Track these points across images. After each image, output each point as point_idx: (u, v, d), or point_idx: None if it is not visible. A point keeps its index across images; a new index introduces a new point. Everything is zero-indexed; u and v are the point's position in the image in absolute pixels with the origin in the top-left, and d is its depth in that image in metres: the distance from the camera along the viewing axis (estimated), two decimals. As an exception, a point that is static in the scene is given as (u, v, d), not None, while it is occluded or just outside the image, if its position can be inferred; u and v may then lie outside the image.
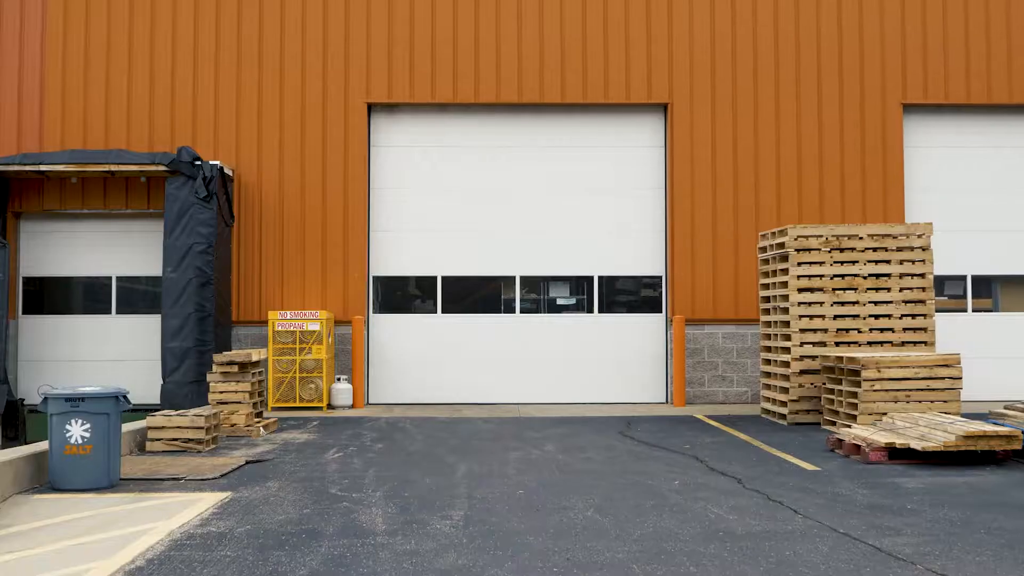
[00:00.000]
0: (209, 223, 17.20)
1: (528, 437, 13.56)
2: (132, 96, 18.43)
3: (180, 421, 12.24)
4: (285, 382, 17.39)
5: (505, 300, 18.86)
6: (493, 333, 18.70)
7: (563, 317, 18.80)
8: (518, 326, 18.75)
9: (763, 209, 18.37)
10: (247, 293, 18.33)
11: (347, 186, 18.33)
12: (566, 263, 18.79)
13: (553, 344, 18.68)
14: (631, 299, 18.91)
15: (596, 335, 18.68)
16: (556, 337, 18.69)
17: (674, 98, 18.51)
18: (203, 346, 17.02)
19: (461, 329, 18.70)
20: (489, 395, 18.59)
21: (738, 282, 18.30)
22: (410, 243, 18.77)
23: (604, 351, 18.66)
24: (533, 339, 18.68)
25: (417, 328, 18.72)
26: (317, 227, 18.33)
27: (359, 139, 18.39)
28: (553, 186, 18.80)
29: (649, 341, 18.70)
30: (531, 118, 18.83)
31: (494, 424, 15.19)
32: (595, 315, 18.76)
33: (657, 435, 13.69)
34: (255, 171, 18.42)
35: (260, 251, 18.35)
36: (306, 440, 13.35)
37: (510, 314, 18.82)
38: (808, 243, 14.93)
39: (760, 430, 14.17)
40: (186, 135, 18.38)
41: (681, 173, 18.37)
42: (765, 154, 18.43)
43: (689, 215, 18.34)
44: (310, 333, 17.39)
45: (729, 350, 18.32)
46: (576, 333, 18.70)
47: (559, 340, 18.68)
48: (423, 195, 18.78)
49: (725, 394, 18.30)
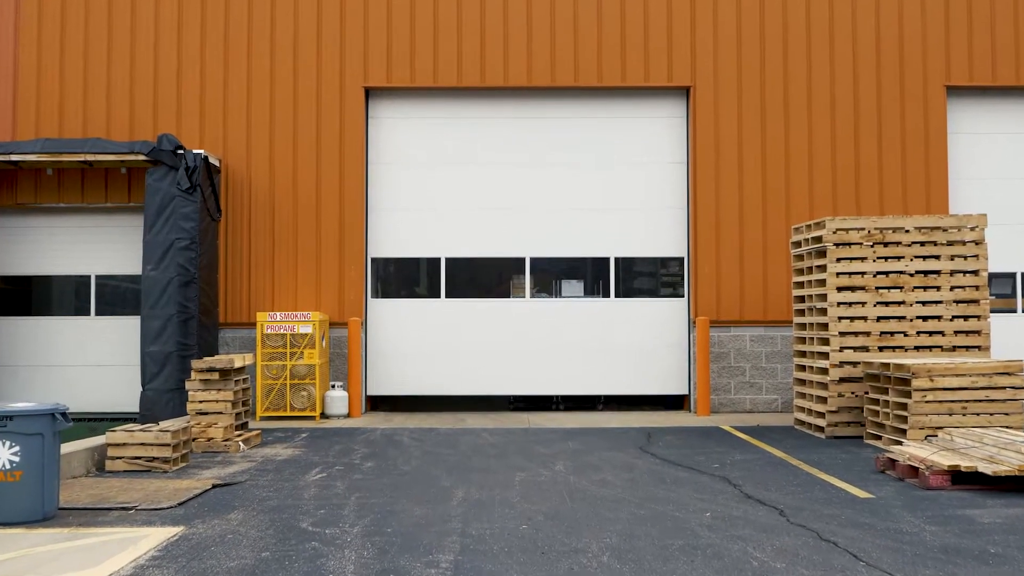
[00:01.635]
0: (192, 217, 15.86)
1: (536, 453, 12.14)
2: (112, 81, 17.10)
3: (144, 437, 10.87)
4: (275, 390, 16.02)
5: (514, 284, 17.43)
6: (500, 319, 17.28)
7: (577, 302, 17.36)
8: (528, 311, 17.31)
9: (794, 201, 16.89)
10: (235, 293, 16.97)
11: (343, 177, 16.95)
12: (580, 244, 17.34)
13: (566, 331, 17.22)
14: (650, 283, 17.46)
15: (613, 321, 17.22)
16: (569, 323, 17.24)
17: (697, 81, 17.04)
18: (185, 350, 15.68)
19: (466, 315, 17.27)
20: (496, 385, 17.21)
21: (767, 280, 16.82)
22: (411, 223, 17.37)
23: (621, 338, 17.20)
24: (544, 325, 17.24)
25: (419, 314, 17.30)
26: (311, 222, 16.96)
27: (356, 126, 17.00)
28: (565, 173, 17.36)
29: (670, 328, 17.23)
30: (542, 103, 17.38)
31: (499, 437, 13.77)
32: (611, 300, 17.30)
33: (681, 451, 12.24)
34: (244, 161, 17.06)
35: (249, 247, 16.99)
36: (289, 457, 11.96)
37: (519, 299, 17.39)
38: (848, 237, 13.44)
39: (796, 445, 12.69)
40: (169, 123, 17.04)
41: (704, 162, 16.90)
42: (796, 142, 16.93)
43: (713, 209, 16.87)
44: (302, 336, 16.01)
45: (757, 354, 16.84)
46: (591, 319, 17.23)
47: (572, 326, 17.23)
48: (425, 179, 17.36)
49: (753, 402, 16.82)
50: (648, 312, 17.27)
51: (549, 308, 17.33)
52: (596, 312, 17.28)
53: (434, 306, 17.33)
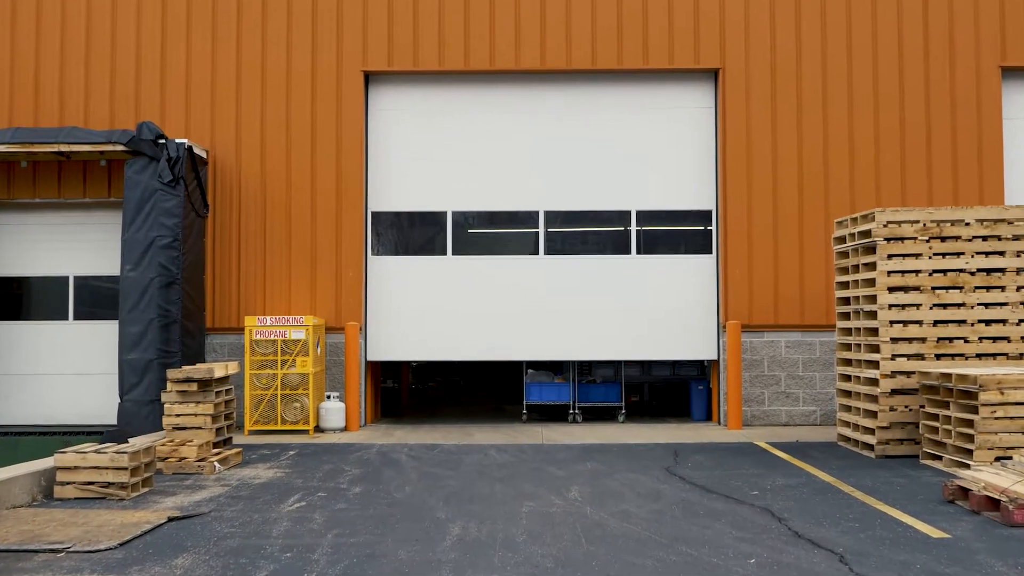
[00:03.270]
0: (175, 212, 14.52)
1: (549, 477, 10.69)
2: (91, 67, 15.80)
3: (97, 460, 9.50)
4: (265, 401, 14.65)
5: (527, 239, 16.01)
6: (511, 278, 15.84)
7: (595, 259, 15.87)
8: (541, 270, 15.86)
9: (833, 194, 15.37)
10: (223, 296, 15.62)
11: (340, 169, 15.57)
12: (598, 197, 15.86)
13: (583, 291, 15.77)
14: (675, 239, 16.00)
15: (634, 280, 15.77)
16: (587, 282, 15.78)
17: (726, 63, 15.56)
18: (167, 358, 14.33)
19: (474, 273, 15.84)
20: (505, 350, 15.78)
21: (804, 280, 15.31)
22: (415, 173, 15.95)
23: (644, 298, 15.75)
24: (559, 285, 15.78)
25: (423, 272, 15.89)
26: (305, 218, 15.59)
27: (355, 114, 15.62)
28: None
29: (697, 287, 15.75)
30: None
31: (509, 455, 12.33)
32: (632, 257, 15.82)
33: (713, 473, 10.77)
34: (233, 152, 15.71)
35: (238, 246, 15.64)
36: (269, 480, 10.57)
37: (532, 256, 15.93)
38: (900, 231, 11.92)
39: (843, 466, 11.19)
40: (152, 111, 15.72)
41: (735, 152, 15.42)
42: (835, 129, 15.41)
43: (745, 203, 15.37)
44: (294, 343, 14.64)
45: (794, 362, 15.32)
46: (610, 278, 15.77)
47: (590, 286, 15.77)
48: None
49: (789, 414, 15.31)
50: (673, 270, 15.78)
51: (564, 266, 15.86)
52: (616, 270, 15.81)
53: (439, 264, 15.90)
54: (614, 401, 16.33)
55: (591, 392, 16.37)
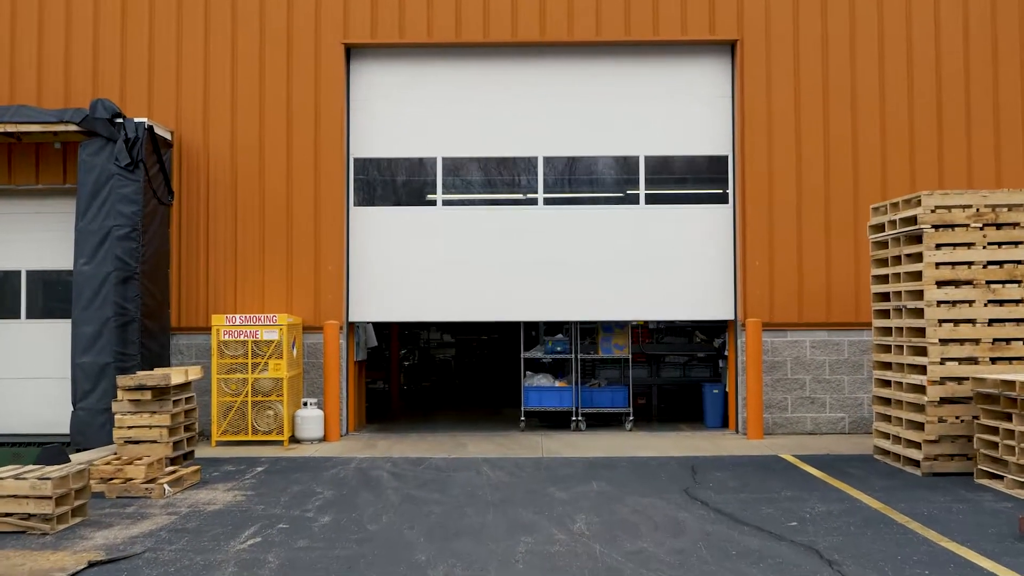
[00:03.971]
0: (133, 199, 13.06)
1: (550, 500, 9.24)
2: (44, 39, 14.32)
3: (15, 488, 8.04)
4: (234, 408, 13.19)
5: (524, 188, 14.57)
6: (507, 230, 14.38)
7: (599, 210, 14.43)
8: (540, 222, 14.40)
9: (864, 179, 13.90)
10: (190, 292, 14.16)
11: (319, 151, 14.10)
12: (602, 142, 14.41)
13: (586, 244, 14.31)
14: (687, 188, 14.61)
15: (642, 232, 14.31)
16: (591, 235, 14.33)
17: (744, 33, 14.08)
18: (125, 361, 12.88)
19: (467, 226, 14.39)
20: (501, 309, 14.35)
21: (830, 273, 13.85)
22: (400, 114, 14.48)
23: (653, 252, 14.28)
24: (560, 238, 14.33)
25: (410, 225, 14.42)
26: (280, 207, 14.13)
27: (335, 90, 14.14)
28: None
29: (712, 240, 14.31)
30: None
31: (504, 472, 10.88)
32: (640, 207, 14.37)
33: (740, 497, 9.32)
34: (200, 134, 14.25)
35: (207, 236, 14.18)
36: (225, 506, 9.12)
37: (530, 206, 14.48)
38: (951, 216, 10.45)
39: (889, 487, 9.74)
40: (112, 88, 14.24)
41: (754, 132, 13.95)
42: (864, 105, 13.93)
43: (766, 188, 13.91)
44: (266, 343, 13.18)
45: (820, 364, 13.87)
46: (617, 229, 14.32)
47: (594, 238, 14.32)
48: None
49: (815, 422, 13.86)
50: (685, 222, 14.32)
51: (566, 217, 14.40)
52: (623, 221, 14.35)
53: (428, 216, 14.45)
54: (620, 406, 14.88)
55: (595, 397, 14.92)
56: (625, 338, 14.87)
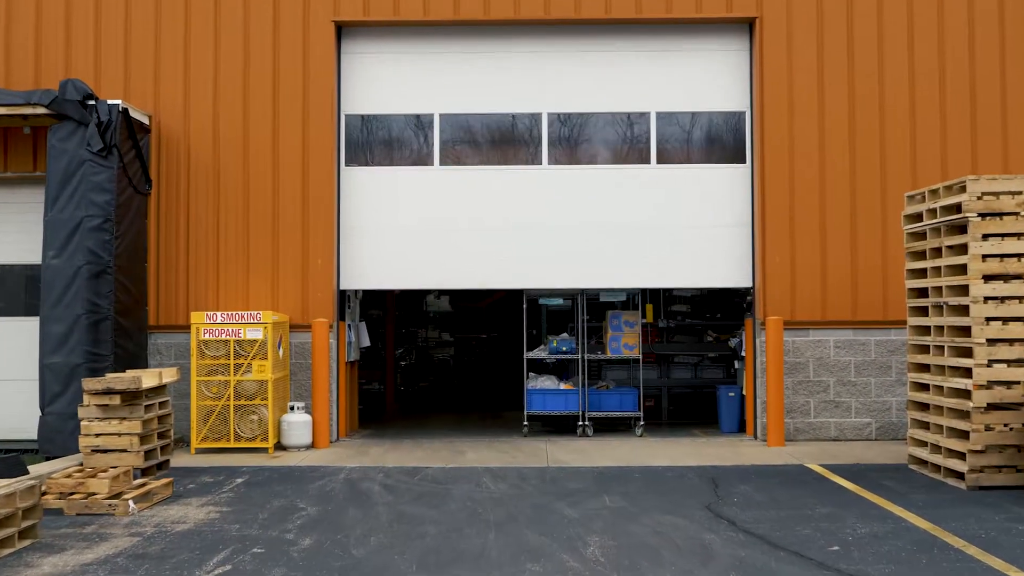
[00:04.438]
0: (106, 187, 12.10)
1: (558, 519, 8.29)
2: (12, 17, 13.36)
3: (-47, 508, 7.11)
4: (215, 413, 12.24)
5: (527, 148, 13.60)
6: (509, 193, 13.42)
7: (607, 170, 13.47)
8: (544, 183, 13.43)
9: (891, 166, 12.95)
10: (169, 288, 13.21)
11: (308, 137, 13.15)
12: (610, 97, 13.46)
13: (593, 207, 13.35)
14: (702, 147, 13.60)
15: (653, 194, 13.34)
16: (598, 197, 13.36)
17: (764, 10, 13.12)
18: (97, 362, 11.93)
19: (467, 187, 13.43)
20: (501, 277, 13.45)
21: (856, 268, 12.90)
22: (396, 75, 13.54)
23: (666, 216, 13.32)
24: (565, 201, 13.37)
25: (406, 186, 13.48)
26: (266, 196, 13.18)
27: (324, 73, 13.19)
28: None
29: (728, 203, 13.34)
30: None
31: (507, 484, 9.93)
32: (651, 167, 13.41)
33: (770, 514, 8.37)
34: (180, 118, 13.29)
35: (187, 228, 13.22)
36: (197, 524, 8.17)
37: (534, 167, 13.51)
38: (999, 204, 9.50)
39: (933, 502, 8.80)
40: (86, 69, 13.28)
41: (774, 116, 13.00)
42: (893, 89, 12.99)
43: (787, 178, 12.96)
44: (250, 343, 12.23)
45: (844, 365, 12.92)
46: (625, 191, 13.35)
47: (602, 201, 13.35)
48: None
49: (839, 427, 12.91)
50: (700, 182, 13.36)
51: (572, 179, 13.43)
52: (632, 183, 13.38)
53: (425, 177, 13.49)
54: (630, 410, 13.91)
55: (603, 400, 13.96)
56: (635, 337, 13.92)
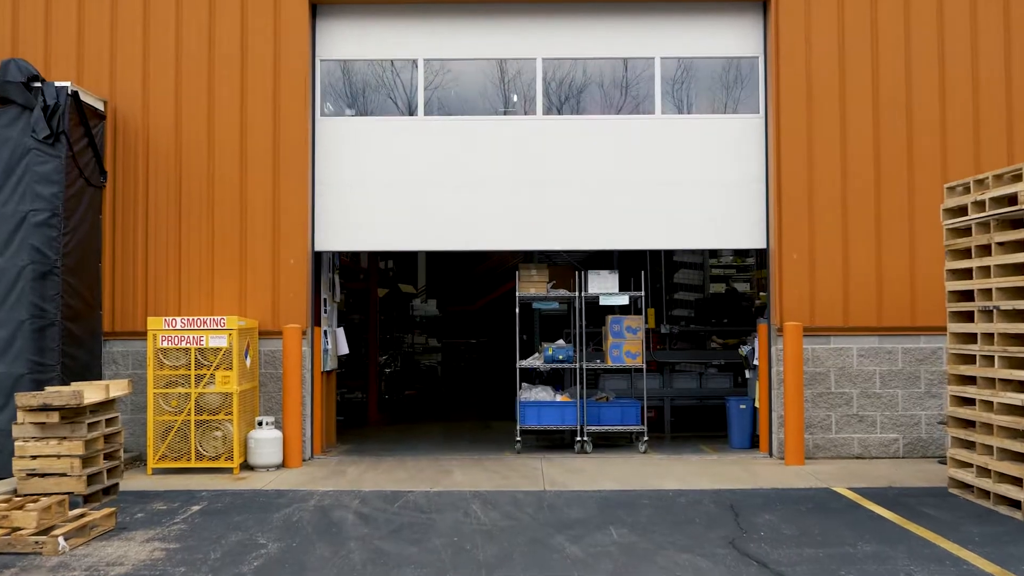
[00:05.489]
0: (53, 179, 10.88)
1: (559, 557, 7.10)
2: (-46, -8, 12.15)
3: None
4: (175, 429, 11.02)
5: (520, 96, 12.49)
6: (501, 146, 12.24)
7: (608, 121, 12.34)
8: (539, 135, 12.27)
9: (919, 158, 11.83)
10: (126, 290, 11.98)
11: (279, 129, 11.95)
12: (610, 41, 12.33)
13: (593, 160, 12.21)
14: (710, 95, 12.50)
15: (658, 147, 12.20)
16: (598, 150, 12.22)
17: (779, -13, 12.02)
18: (42, 373, 10.69)
19: (454, 139, 12.26)
20: (493, 237, 12.30)
21: (881, 268, 11.77)
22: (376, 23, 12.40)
23: (671, 171, 12.17)
24: (562, 154, 12.22)
25: (387, 138, 12.28)
26: (232, 189, 11.97)
27: (297, 56, 12.00)
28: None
29: (740, 156, 12.20)
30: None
31: (499, 512, 8.74)
32: (656, 117, 12.27)
33: (804, 553, 7.20)
34: (139, 105, 12.08)
35: (146, 224, 12.00)
36: (135, 568, 6.95)
37: (528, 117, 12.36)
38: (1058, 194, 8.38)
39: (992, 536, 7.65)
40: (36, 51, 12.06)
41: (791, 101, 11.87)
42: (921, 72, 11.87)
43: (805, 167, 11.83)
44: (213, 352, 11.01)
45: (869, 375, 11.78)
46: (628, 144, 12.21)
47: (602, 154, 12.21)
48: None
49: (863, 444, 11.76)
50: (710, 134, 12.22)
51: (569, 130, 12.28)
52: (635, 134, 12.24)
53: (408, 127, 12.33)
54: (632, 424, 12.72)
55: (603, 413, 12.77)
56: (638, 344, 12.74)
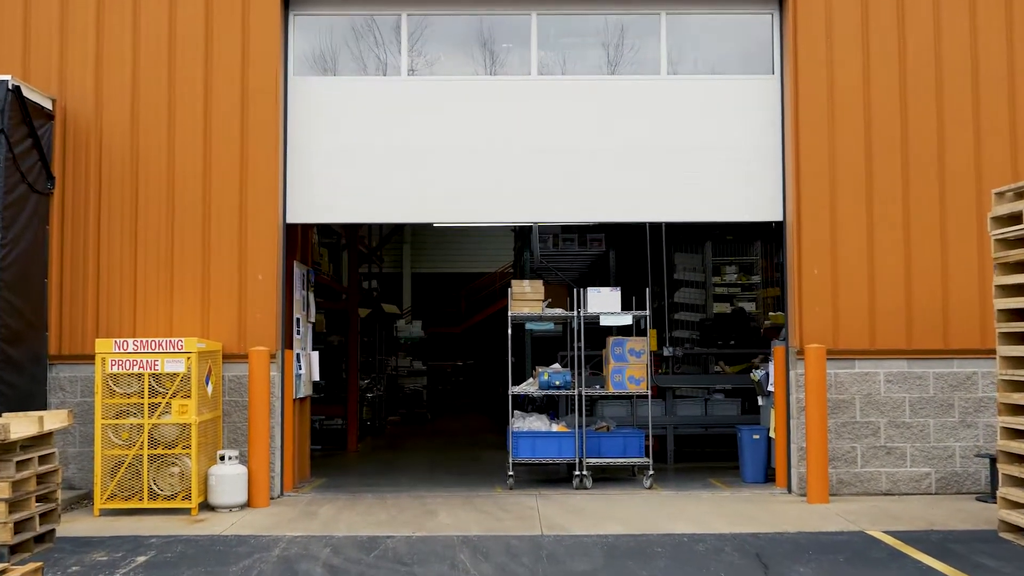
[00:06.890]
0: (-9, 184, 9.74)
1: (565, 628, 5.96)
2: None
3: None
4: (126, 464, 9.81)
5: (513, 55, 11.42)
6: (491, 108, 11.14)
7: (607, 81, 11.26)
8: (533, 97, 11.18)
9: (951, 161, 10.81)
10: (76, 309, 10.78)
11: (246, 131, 10.82)
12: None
13: (592, 125, 11.13)
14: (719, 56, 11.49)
15: (663, 111, 11.12)
16: (597, 114, 11.14)
17: (796, -22, 10.99)
18: (-25, 402, 9.51)
19: (441, 100, 11.14)
20: (483, 209, 11.24)
21: (911, 285, 10.71)
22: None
23: (676, 137, 11.08)
24: (558, 118, 11.13)
25: (368, 99, 11.16)
26: (194, 197, 10.83)
27: (267, 54, 10.89)
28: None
29: (753, 122, 11.11)
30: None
31: (492, 566, 7.56)
32: (660, 78, 11.20)
33: (855, 618, 6.07)
34: (92, 104, 10.94)
35: (98, 235, 10.83)
36: (53, 642, 5.77)
37: (521, 77, 11.27)
38: None
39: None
40: (-24, 43, 10.93)
41: (809, 110, 10.81)
42: (953, 68, 10.86)
43: (827, 172, 10.77)
44: (169, 377, 9.82)
45: (897, 403, 10.67)
46: (630, 107, 11.13)
47: (604, 118, 11.12)
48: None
49: (892, 479, 10.64)
50: (719, 97, 11.14)
51: (566, 91, 11.20)
52: (637, 96, 11.17)
53: (390, 88, 11.22)
54: (635, 456, 11.59)
55: (604, 445, 11.62)
56: (642, 368, 11.61)
